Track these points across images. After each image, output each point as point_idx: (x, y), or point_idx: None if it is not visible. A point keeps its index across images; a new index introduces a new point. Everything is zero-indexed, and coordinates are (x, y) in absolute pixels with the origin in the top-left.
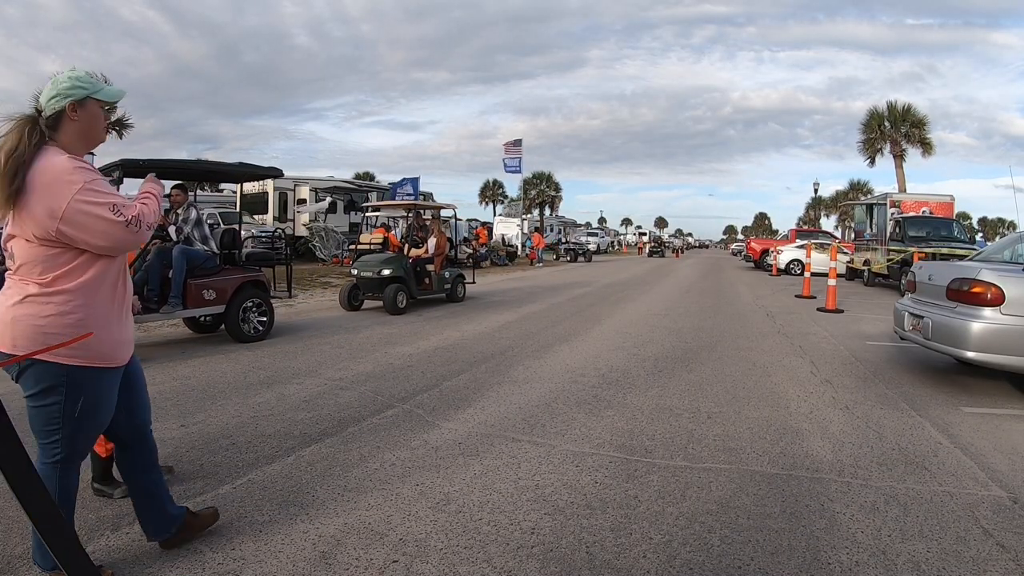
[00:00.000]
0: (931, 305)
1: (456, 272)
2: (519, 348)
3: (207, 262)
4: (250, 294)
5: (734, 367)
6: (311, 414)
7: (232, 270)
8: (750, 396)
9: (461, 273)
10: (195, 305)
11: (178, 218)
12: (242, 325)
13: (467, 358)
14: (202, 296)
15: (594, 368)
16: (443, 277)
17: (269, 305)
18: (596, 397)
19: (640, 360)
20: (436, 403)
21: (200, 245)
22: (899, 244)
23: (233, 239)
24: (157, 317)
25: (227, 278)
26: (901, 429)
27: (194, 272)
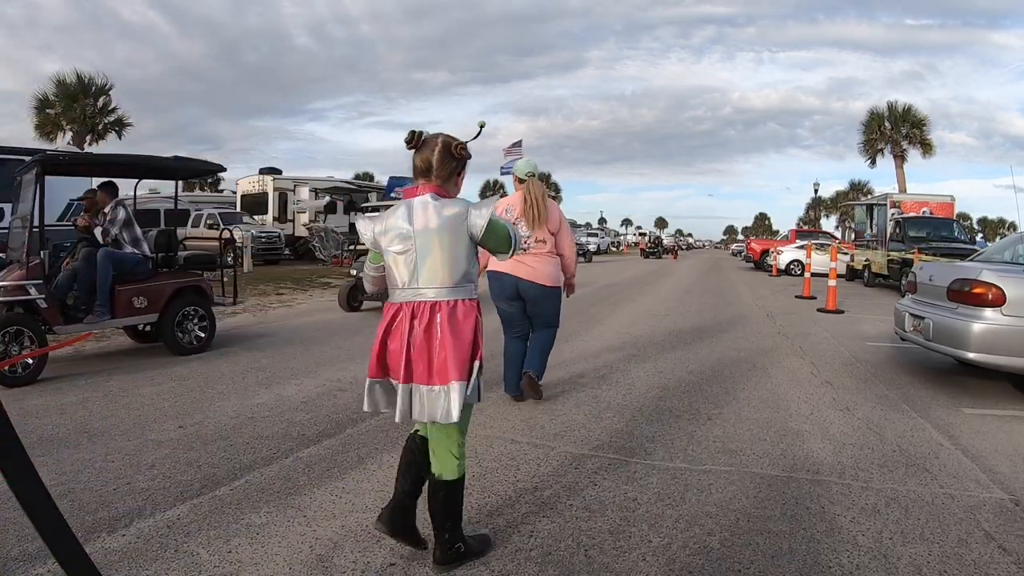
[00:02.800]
0: (932, 306)
1: None
2: None
3: (138, 266)
4: (188, 301)
5: (734, 368)
6: (309, 415)
7: (167, 275)
8: (750, 397)
9: None
10: (124, 314)
11: (104, 219)
12: (178, 335)
13: None
14: (132, 304)
15: (593, 369)
16: None
17: (210, 314)
18: (596, 398)
19: (639, 362)
20: None
21: (130, 248)
22: (899, 245)
23: (169, 241)
24: (80, 328)
25: (161, 284)
26: (902, 431)
27: (124, 278)
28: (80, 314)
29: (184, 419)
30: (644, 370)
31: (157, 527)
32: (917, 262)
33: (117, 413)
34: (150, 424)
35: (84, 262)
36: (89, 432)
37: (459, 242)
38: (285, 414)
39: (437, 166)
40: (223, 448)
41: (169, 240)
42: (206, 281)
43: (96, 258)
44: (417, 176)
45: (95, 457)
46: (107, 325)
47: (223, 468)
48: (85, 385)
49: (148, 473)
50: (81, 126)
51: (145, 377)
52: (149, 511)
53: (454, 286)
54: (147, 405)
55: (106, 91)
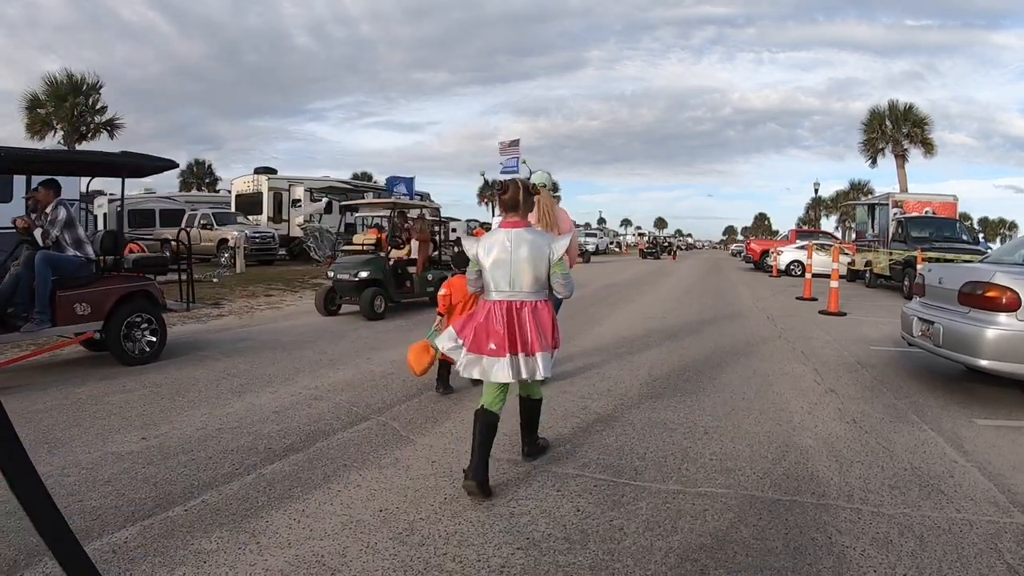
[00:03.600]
0: (942, 310)
1: (440, 274)
2: None
3: (80, 270)
4: (136, 307)
5: (733, 375)
6: (280, 427)
7: (113, 279)
8: (750, 408)
9: (446, 275)
10: (66, 321)
11: (45, 219)
12: (125, 344)
13: None
14: (74, 311)
15: (585, 376)
16: (425, 280)
17: (160, 320)
18: (585, 409)
19: (634, 367)
20: (414, 415)
21: (72, 251)
22: (902, 245)
23: (115, 243)
24: (16, 337)
25: (106, 289)
26: (912, 445)
27: (65, 283)
28: (19, 322)
29: (149, 430)
30: (638, 378)
31: (101, 551)
32: (921, 263)
33: (82, 422)
34: (113, 435)
35: (24, 266)
36: (51, 443)
37: (541, 264)
38: (254, 425)
39: (523, 202)
40: (184, 463)
41: (115, 242)
42: (155, 285)
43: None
44: (506, 210)
45: (52, 471)
46: (47, 334)
47: (180, 485)
48: (56, 391)
49: (102, 490)
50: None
51: (117, 384)
52: (97, 532)
53: (537, 292)
54: (114, 414)
55: (97, 90)
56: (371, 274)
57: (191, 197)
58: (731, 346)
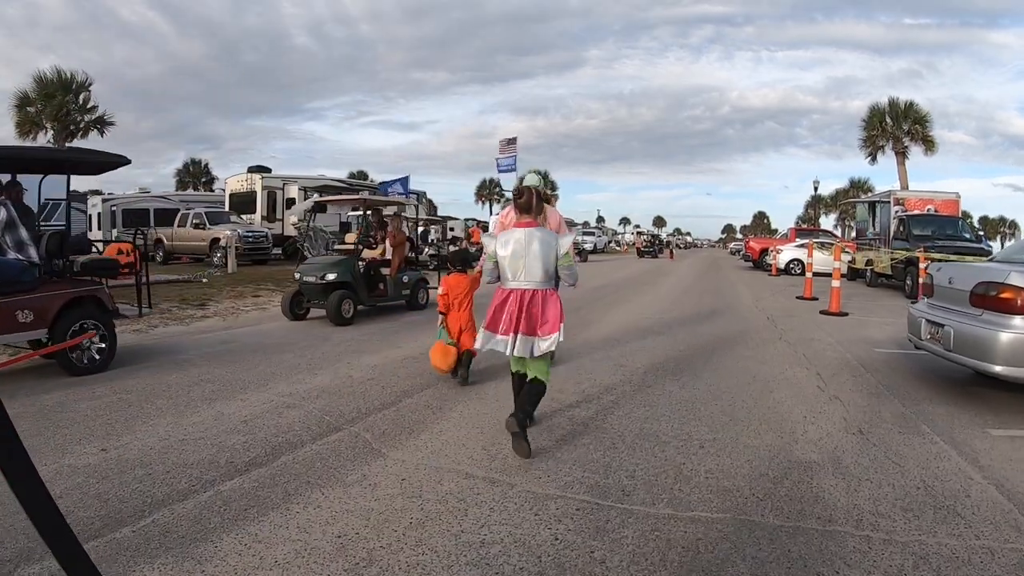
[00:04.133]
0: (952, 312)
1: (417, 275)
2: (493, 358)
3: (22, 275)
4: (84, 314)
5: (732, 380)
6: (246, 438)
7: (59, 284)
8: (750, 418)
9: (423, 276)
10: (6, 329)
11: None
12: (72, 352)
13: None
14: (15, 318)
15: (575, 383)
16: (400, 282)
17: (110, 327)
18: (572, 419)
19: (627, 373)
20: (389, 425)
21: (13, 253)
22: (903, 243)
23: (60, 245)
24: None
25: (49, 294)
26: (924, 459)
27: (5, 288)
28: None
29: (110, 440)
30: (631, 384)
31: None
32: (924, 261)
33: (44, 432)
34: (73, 446)
35: None
36: None
37: (550, 258)
38: (220, 436)
39: (535, 206)
40: (140, 478)
41: (61, 244)
42: (104, 291)
43: None
44: (521, 212)
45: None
46: None
47: (132, 503)
48: (24, 398)
49: None
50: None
51: (86, 390)
52: (38, 555)
53: (546, 281)
54: (78, 423)
55: (87, 88)
56: (339, 276)
57: (186, 196)
58: (730, 349)
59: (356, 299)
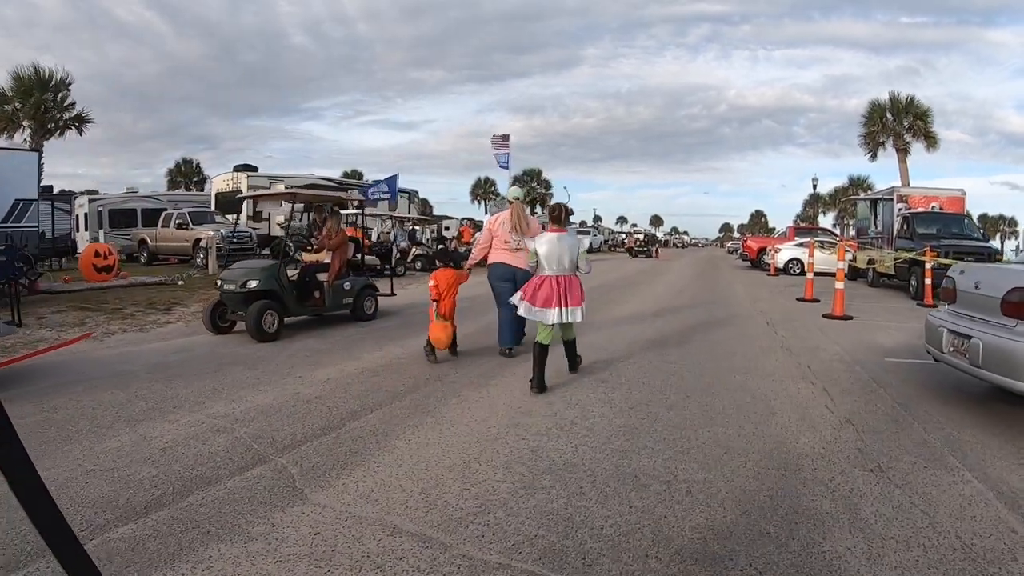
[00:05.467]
0: (980, 322)
1: (362, 282)
2: (462, 372)
3: None
4: None
5: (727, 400)
6: (158, 471)
7: None
8: (748, 450)
9: (370, 283)
10: None
11: None
12: None
13: (394, 386)
14: None
15: (547, 405)
16: (341, 289)
17: None
18: (535, 452)
19: (609, 391)
20: (322, 457)
21: None
22: (907, 242)
23: None
24: None
25: None
26: (957, 505)
27: None
28: None
29: None
30: (611, 405)
31: None
32: (930, 261)
33: None
34: None
35: None
36: None
37: (575, 254)
38: (131, 467)
39: (564, 218)
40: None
41: None
42: None
43: None
44: (553, 222)
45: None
46: None
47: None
48: None
49: None
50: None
51: (13, 408)
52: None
53: (571, 270)
54: None
55: (66, 86)
56: (261, 284)
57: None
58: (726, 361)
59: (283, 310)
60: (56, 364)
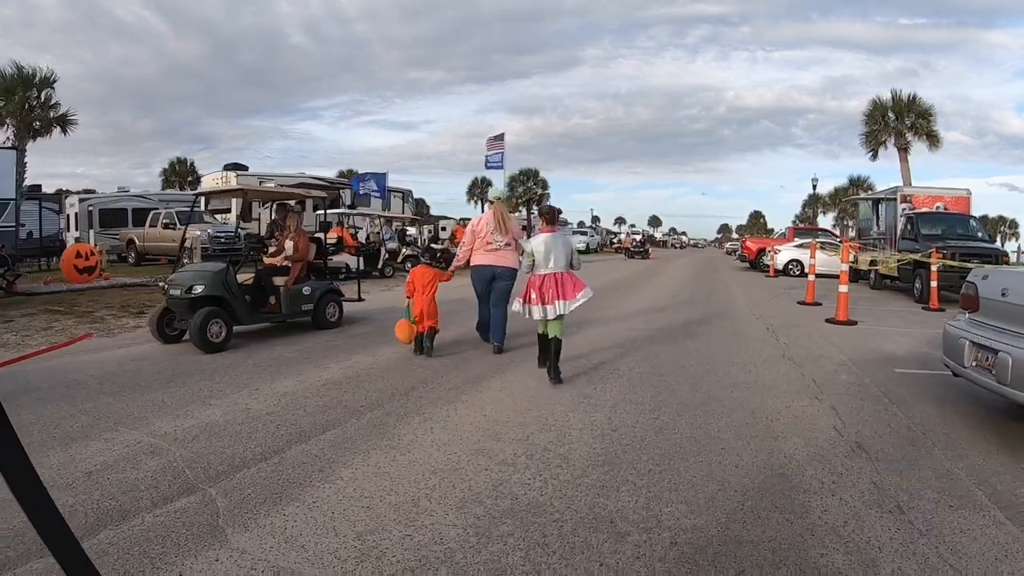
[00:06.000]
0: (1008, 334)
1: (324, 287)
2: (432, 385)
3: None
4: None
5: (724, 421)
6: (77, 499)
7: None
8: (746, 486)
9: (333, 288)
10: None
11: None
12: None
13: (354, 401)
14: None
15: (518, 426)
16: (300, 295)
17: None
18: (497, 488)
19: (590, 410)
20: (256, 487)
21: None
22: (911, 243)
23: None
24: None
25: None
26: (992, 556)
27: None
28: None
29: None
30: (592, 428)
31: None
32: (935, 263)
33: None
34: None
35: None
36: None
37: (569, 252)
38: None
39: (556, 219)
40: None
41: None
42: None
43: None
44: (547, 223)
45: None
46: None
47: None
48: None
49: None
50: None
51: None
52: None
53: (566, 267)
54: None
55: (51, 84)
56: (208, 289)
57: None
58: (724, 373)
59: (232, 317)
60: (9, 373)
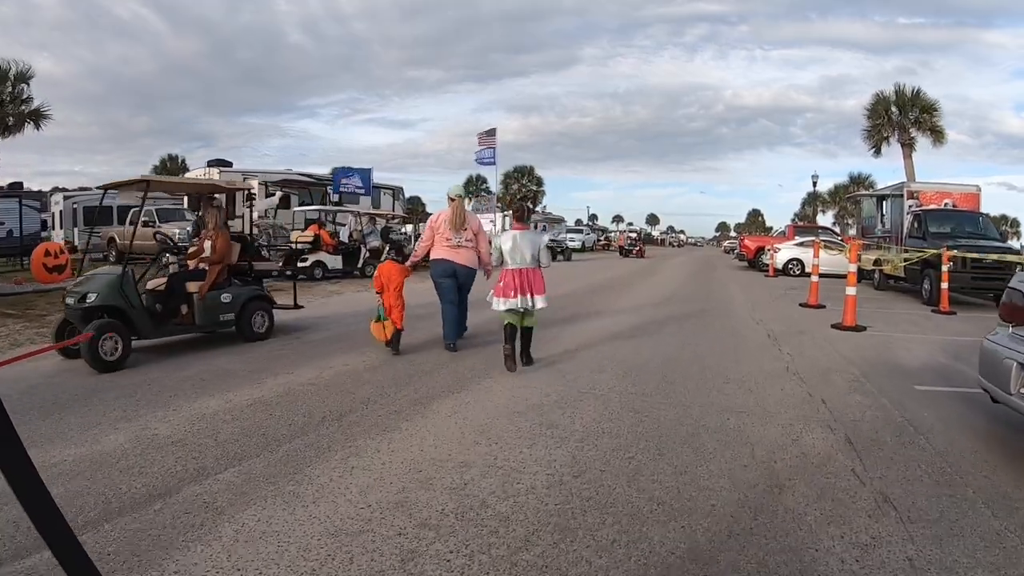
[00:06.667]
0: None
1: (248, 293)
2: (374, 407)
3: None
4: None
5: (717, 462)
6: None
7: None
8: (747, 558)
9: (260, 294)
10: None
11: None
12: None
13: (275, 428)
14: None
15: (458, 468)
16: (217, 303)
17: None
18: (404, 565)
19: (552, 444)
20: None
21: None
22: (919, 242)
23: None
24: None
25: None
26: None
27: None
28: None
29: None
30: (550, 470)
31: None
32: (947, 261)
33: None
34: None
35: None
36: None
37: (536, 249)
38: None
39: (526, 216)
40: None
41: None
42: None
43: None
44: (517, 220)
45: None
46: None
47: None
48: None
49: None
50: None
51: None
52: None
53: (533, 263)
54: None
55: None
56: (102, 298)
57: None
58: (718, 393)
59: (132, 331)
60: None
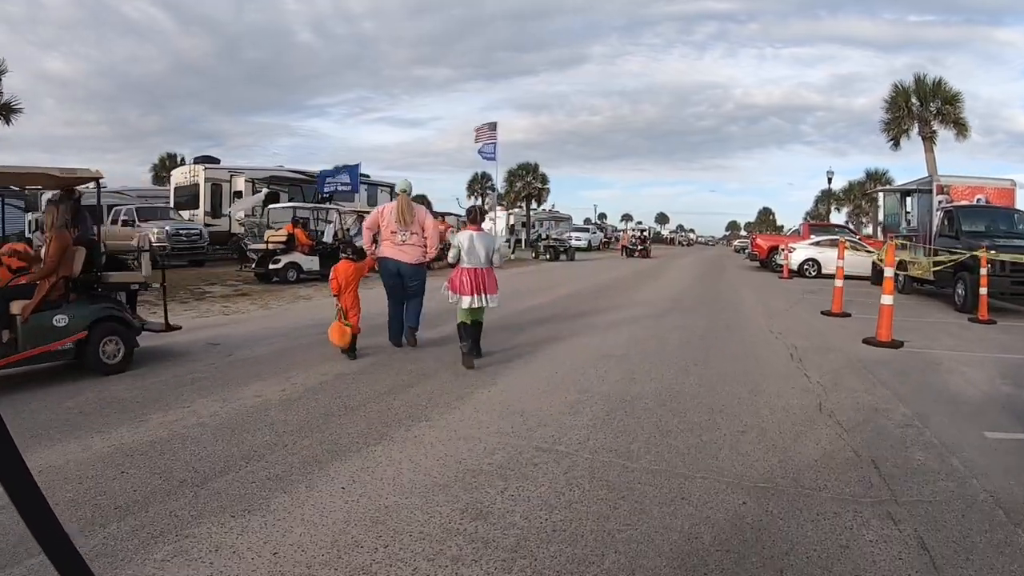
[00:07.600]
0: None
1: (94, 313)
2: (268, 460)
3: None
4: None
5: (730, 566)
6: None
7: None
8: None
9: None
10: None
11: None
12: None
13: (124, 492)
14: None
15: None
16: (47, 326)
17: None
18: None
19: (470, 554)
20: None
21: None
22: (951, 241)
23: None
24: None
25: None
26: None
27: None
28: None
29: None
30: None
31: None
32: (986, 264)
33: None
34: None
35: None
36: None
37: (490, 249)
38: None
39: (481, 218)
40: None
41: None
42: None
43: None
44: (471, 222)
45: None
46: None
47: None
48: None
49: None
50: None
51: None
52: None
53: (488, 263)
54: None
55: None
56: None
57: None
58: (730, 450)
59: None
60: None
